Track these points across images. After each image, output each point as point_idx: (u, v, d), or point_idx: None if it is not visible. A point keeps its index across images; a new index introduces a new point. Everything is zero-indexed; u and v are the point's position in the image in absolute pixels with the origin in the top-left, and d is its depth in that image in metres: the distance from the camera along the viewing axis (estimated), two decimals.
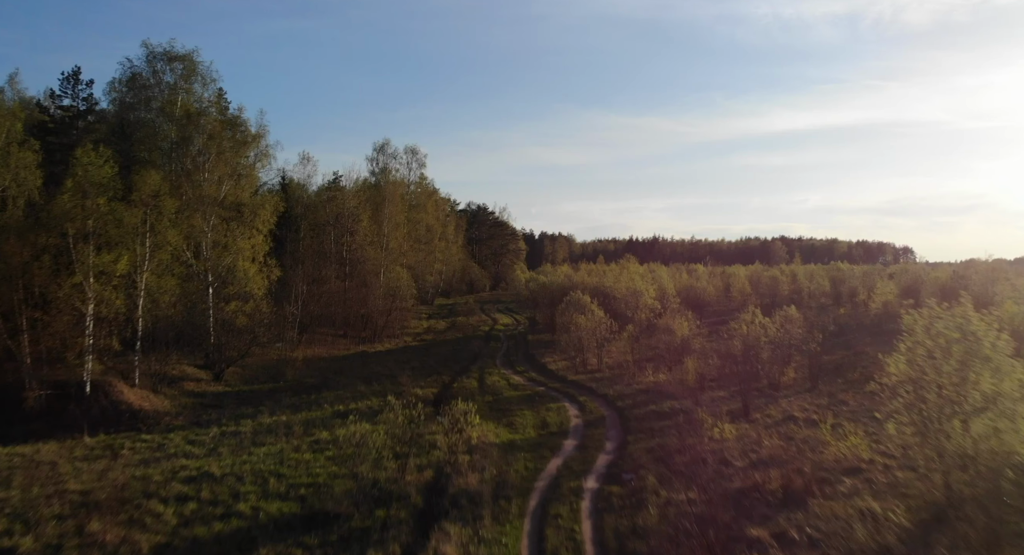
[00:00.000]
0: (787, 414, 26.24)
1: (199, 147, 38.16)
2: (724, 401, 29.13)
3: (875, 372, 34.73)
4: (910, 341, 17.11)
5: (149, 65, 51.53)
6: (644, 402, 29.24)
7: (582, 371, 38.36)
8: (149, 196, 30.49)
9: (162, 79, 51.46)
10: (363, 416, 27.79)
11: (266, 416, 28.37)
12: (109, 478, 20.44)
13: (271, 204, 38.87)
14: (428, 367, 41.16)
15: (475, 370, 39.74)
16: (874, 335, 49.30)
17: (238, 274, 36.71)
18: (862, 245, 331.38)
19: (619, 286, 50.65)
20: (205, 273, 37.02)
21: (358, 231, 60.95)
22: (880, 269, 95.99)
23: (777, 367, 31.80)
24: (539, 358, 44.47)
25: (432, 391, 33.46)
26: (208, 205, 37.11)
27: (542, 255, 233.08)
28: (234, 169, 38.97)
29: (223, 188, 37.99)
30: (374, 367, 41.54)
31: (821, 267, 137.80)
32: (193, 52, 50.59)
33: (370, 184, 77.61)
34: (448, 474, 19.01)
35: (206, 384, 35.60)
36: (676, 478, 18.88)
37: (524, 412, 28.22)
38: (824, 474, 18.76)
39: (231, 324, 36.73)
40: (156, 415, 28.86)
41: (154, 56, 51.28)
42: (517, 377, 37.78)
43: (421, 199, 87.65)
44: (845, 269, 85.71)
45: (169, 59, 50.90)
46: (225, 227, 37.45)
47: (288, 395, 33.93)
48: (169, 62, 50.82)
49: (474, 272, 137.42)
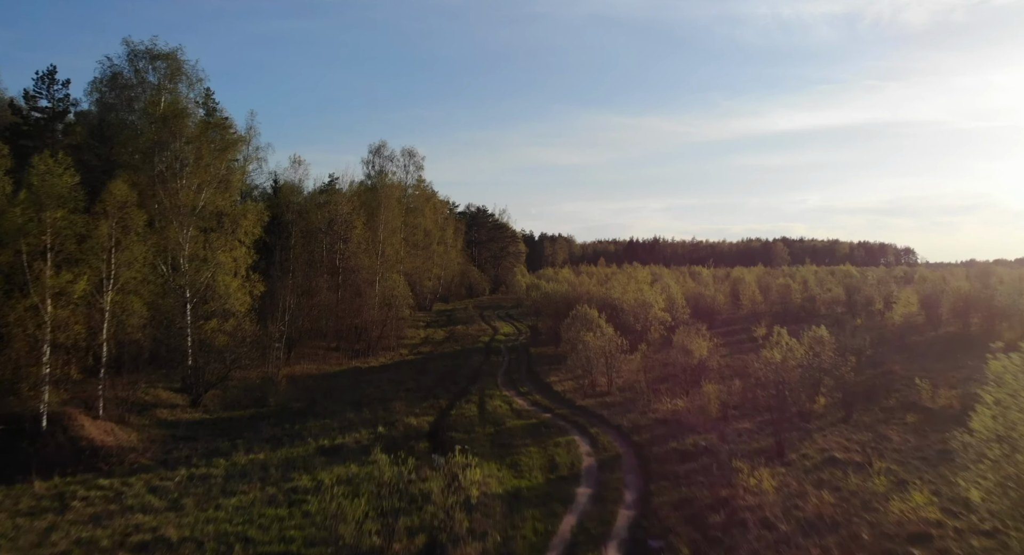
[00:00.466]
0: (826, 454, 23.34)
1: (175, 152, 35.24)
2: (752, 435, 26.23)
3: (912, 397, 32.26)
4: (1001, 393, 14.23)
5: (130, 64, 48.73)
6: (663, 437, 26.32)
7: (591, 393, 35.46)
8: (115, 208, 27.56)
9: (145, 78, 48.75)
10: (350, 455, 25.00)
11: (241, 454, 25.43)
12: (50, 542, 17.56)
13: (254, 213, 35.94)
14: (424, 388, 38.25)
15: (475, 392, 36.84)
16: (899, 351, 46.48)
17: (218, 290, 33.81)
18: (864, 246, 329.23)
19: (627, 297, 47.74)
20: (182, 289, 34.13)
21: (352, 238, 58.03)
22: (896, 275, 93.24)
23: (807, 394, 28.89)
24: (543, 376, 41.57)
25: (428, 420, 30.55)
26: (185, 215, 34.22)
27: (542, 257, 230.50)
28: (215, 175, 36.04)
29: (202, 196, 35.06)
30: (366, 388, 38.64)
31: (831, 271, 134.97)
32: (177, 50, 47.71)
33: (366, 187, 74.75)
34: (443, 543, 16.09)
35: (182, 410, 32.68)
36: (712, 548, 16.00)
37: (530, 449, 25.31)
38: (888, 544, 15.85)
39: (210, 344, 33.82)
40: (120, 452, 25.92)
41: (135, 54, 48.44)
42: (520, 400, 34.88)
43: (419, 203, 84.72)
44: (857, 275, 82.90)
45: (151, 57, 48.08)
46: (204, 238, 34.55)
47: (271, 423, 31.04)
48: (151, 61, 48.04)
49: (473, 276, 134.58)
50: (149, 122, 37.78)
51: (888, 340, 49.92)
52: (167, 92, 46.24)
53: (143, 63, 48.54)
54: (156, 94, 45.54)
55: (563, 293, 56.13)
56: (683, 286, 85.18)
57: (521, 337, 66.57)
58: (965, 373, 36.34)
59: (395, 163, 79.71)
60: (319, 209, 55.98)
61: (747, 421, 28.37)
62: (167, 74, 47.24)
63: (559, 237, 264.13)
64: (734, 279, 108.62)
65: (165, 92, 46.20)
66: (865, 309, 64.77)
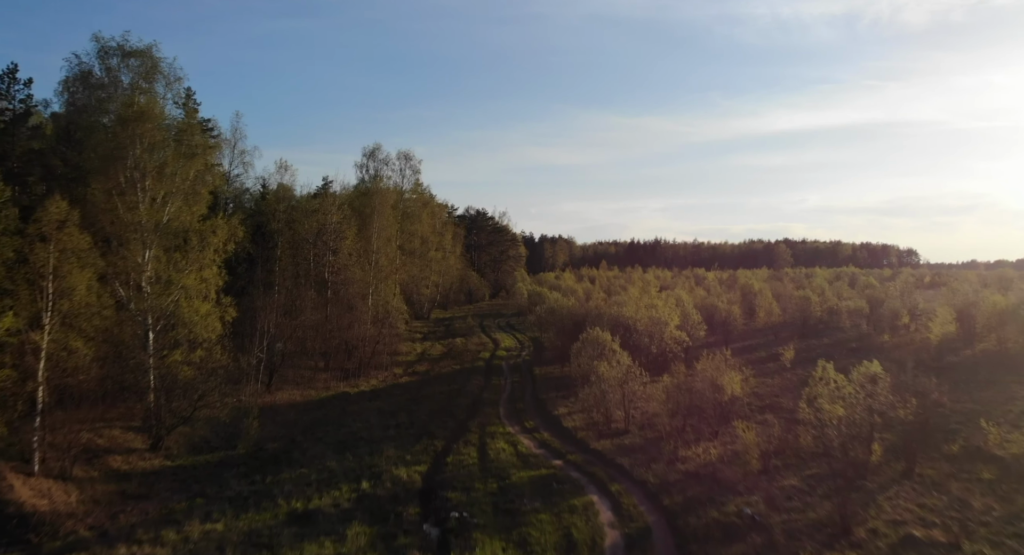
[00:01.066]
0: (901, 529, 19.26)
1: (135, 159, 31.15)
2: (804, 497, 22.12)
3: (975, 441, 28.20)
4: None
5: (101, 61, 44.85)
6: (699, 500, 22.22)
7: (605, 431, 31.41)
8: (52, 228, 23.49)
9: (117, 77, 44.82)
10: (325, 525, 20.90)
11: (197, 523, 21.28)
12: None
13: (225, 229, 31.84)
14: (418, 423, 34.15)
15: (475, 428, 32.77)
16: (938, 373, 42.32)
17: (183, 316, 29.76)
18: (866, 247, 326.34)
19: (640, 316, 43.71)
20: (144, 315, 30.06)
21: (342, 249, 53.94)
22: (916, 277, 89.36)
23: (861, 444, 24.84)
24: (550, 406, 37.51)
25: (420, 470, 26.41)
26: (147, 231, 30.17)
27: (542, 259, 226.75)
28: (182, 186, 31.96)
29: (167, 209, 31.00)
30: (352, 423, 34.56)
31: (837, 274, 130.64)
32: (151, 46, 43.69)
33: (360, 191, 70.74)
34: None
35: (139, 456, 28.58)
36: None
37: (541, 516, 21.21)
38: None
39: (174, 378, 29.76)
40: (55, 518, 21.82)
41: (106, 51, 44.48)
42: (526, 440, 30.81)
43: (415, 208, 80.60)
44: (877, 284, 78.96)
45: (123, 54, 44.10)
46: (168, 258, 30.51)
47: (239, 472, 26.98)
48: (124, 58, 44.07)
49: (473, 281, 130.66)
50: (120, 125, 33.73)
51: (923, 361, 45.82)
52: (142, 92, 42.31)
53: (115, 61, 44.66)
54: (130, 94, 41.64)
55: (570, 308, 52.08)
56: (692, 295, 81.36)
57: (524, 352, 62.61)
58: (1021, 406, 32.63)
59: (390, 167, 75.73)
60: (307, 218, 51.86)
61: (793, 476, 24.29)
62: (142, 73, 43.25)
63: (559, 239, 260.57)
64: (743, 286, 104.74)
65: (140, 92, 42.28)
66: (890, 323, 60.70)
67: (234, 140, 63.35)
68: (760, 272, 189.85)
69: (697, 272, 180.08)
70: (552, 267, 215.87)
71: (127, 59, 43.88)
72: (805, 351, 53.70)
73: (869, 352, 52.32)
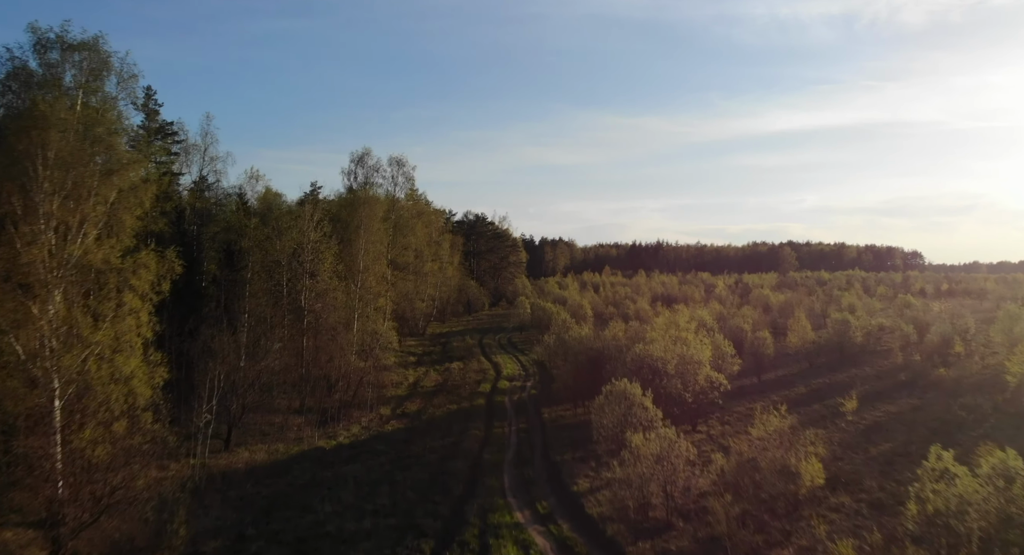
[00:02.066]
0: None
1: (35, 178, 24.29)
2: None
3: None
4: None
5: (38, 56, 37.86)
6: None
7: (641, 526, 24.50)
8: None
9: (59, 75, 37.90)
10: None
11: None
12: None
13: (154, 267, 24.93)
14: (401, 507, 27.19)
15: (474, 518, 25.82)
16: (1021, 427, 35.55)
17: (95, 381, 22.95)
18: (871, 249, 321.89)
19: (669, 356, 36.87)
20: (48, 379, 23.19)
21: (322, 271, 47.05)
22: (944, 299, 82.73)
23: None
24: (567, 475, 30.60)
25: None
26: (50, 271, 23.32)
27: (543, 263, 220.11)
28: (99, 211, 25.08)
29: (79, 243, 24.16)
30: (321, 505, 27.57)
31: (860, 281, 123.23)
32: (98, 38, 36.61)
33: (346, 201, 63.90)
34: None
35: None
36: None
37: None
38: None
39: (86, 462, 22.87)
40: None
41: (43, 44, 37.47)
42: (541, 540, 23.89)
43: (409, 218, 73.67)
44: (917, 304, 72.20)
45: (64, 48, 37.11)
46: (80, 305, 23.68)
47: None
48: (65, 52, 37.08)
49: (472, 290, 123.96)
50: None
51: (1002, 408, 38.99)
52: (89, 92, 35.39)
53: (54, 55, 37.69)
54: (74, 94, 34.78)
55: (583, 340, 45.20)
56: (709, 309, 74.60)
57: (529, 383, 55.86)
58: None
59: (381, 174, 68.61)
60: (280, 236, 44.92)
61: None
62: (87, 69, 36.26)
63: (560, 241, 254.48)
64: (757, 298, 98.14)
65: (89, 92, 35.38)
66: (939, 351, 53.85)
67: (204, 145, 56.52)
68: (768, 277, 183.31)
69: (704, 277, 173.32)
70: (553, 271, 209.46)
71: (69, 53, 36.92)
72: (847, 383, 47.02)
73: (926, 389, 45.53)
